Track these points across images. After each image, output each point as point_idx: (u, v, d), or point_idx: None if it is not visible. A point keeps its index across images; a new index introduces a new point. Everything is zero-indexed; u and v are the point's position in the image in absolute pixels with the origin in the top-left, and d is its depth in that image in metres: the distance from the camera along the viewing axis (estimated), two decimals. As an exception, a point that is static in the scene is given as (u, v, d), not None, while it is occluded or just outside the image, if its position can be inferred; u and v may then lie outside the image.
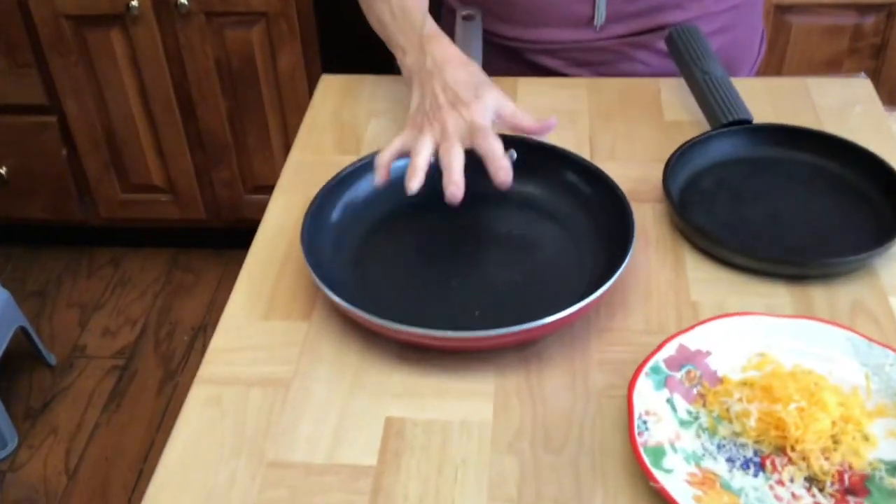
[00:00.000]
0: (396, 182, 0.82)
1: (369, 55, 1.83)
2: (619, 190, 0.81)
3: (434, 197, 0.85)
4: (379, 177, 0.81)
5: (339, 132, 1.00)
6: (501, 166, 0.79)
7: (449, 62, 0.86)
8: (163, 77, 1.97)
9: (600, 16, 1.03)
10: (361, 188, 0.84)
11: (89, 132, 2.06)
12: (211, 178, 2.13)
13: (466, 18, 1.02)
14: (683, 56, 0.98)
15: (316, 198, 0.81)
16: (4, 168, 2.12)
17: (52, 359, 2.05)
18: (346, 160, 0.92)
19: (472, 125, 0.81)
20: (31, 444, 1.88)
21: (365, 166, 0.84)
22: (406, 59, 0.91)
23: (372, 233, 0.83)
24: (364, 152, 0.96)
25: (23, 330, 1.94)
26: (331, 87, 1.08)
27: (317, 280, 0.73)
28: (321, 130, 1.01)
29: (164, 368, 2.02)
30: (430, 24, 0.91)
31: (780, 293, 0.78)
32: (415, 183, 0.78)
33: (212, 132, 2.05)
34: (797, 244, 0.81)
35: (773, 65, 1.82)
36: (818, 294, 0.77)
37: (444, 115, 0.81)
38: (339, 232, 0.81)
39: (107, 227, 2.27)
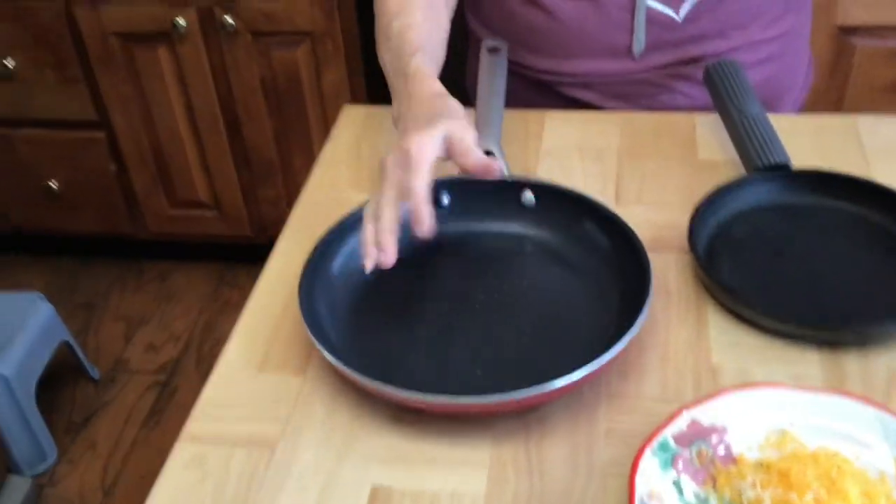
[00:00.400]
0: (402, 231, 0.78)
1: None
2: (639, 242, 0.76)
3: (442, 245, 0.81)
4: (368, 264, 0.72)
5: (356, 167, 0.96)
6: (421, 214, 0.70)
7: (415, 99, 0.77)
8: (209, 95, 1.97)
9: (639, 44, 0.98)
10: (355, 241, 0.80)
11: (137, 148, 2.07)
12: (256, 196, 2.12)
13: (492, 51, 0.98)
14: (720, 92, 0.92)
15: (316, 247, 0.77)
16: (55, 182, 2.14)
17: (96, 373, 2.06)
18: (360, 198, 0.88)
19: (405, 157, 0.71)
20: (70, 459, 1.89)
21: (359, 217, 0.80)
22: (395, 109, 0.82)
23: (375, 283, 0.79)
24: (379, 190, 0.92)
25: (67, 344, 1.96)
26: (352, 117, 1.05)
27: (311, 336, 0.69)
28: (338, 165, 0.97)
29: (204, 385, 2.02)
30: (417, 62, 0.81)
31: (810, 360, 0.71)
32: (368, 263, 0.70)
33: (258, 150, 2.04)
34: (832, 305, 0.74)
35: (836, 88, 1.73)
36: (853, 363, 0.71)
37: (388, 159, 0.72)
38: (340, 283, 0.77)
39: (155, 241, 2.28)
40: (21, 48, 1.95)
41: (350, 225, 0.79)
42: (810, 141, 0.94)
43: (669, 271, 0.80)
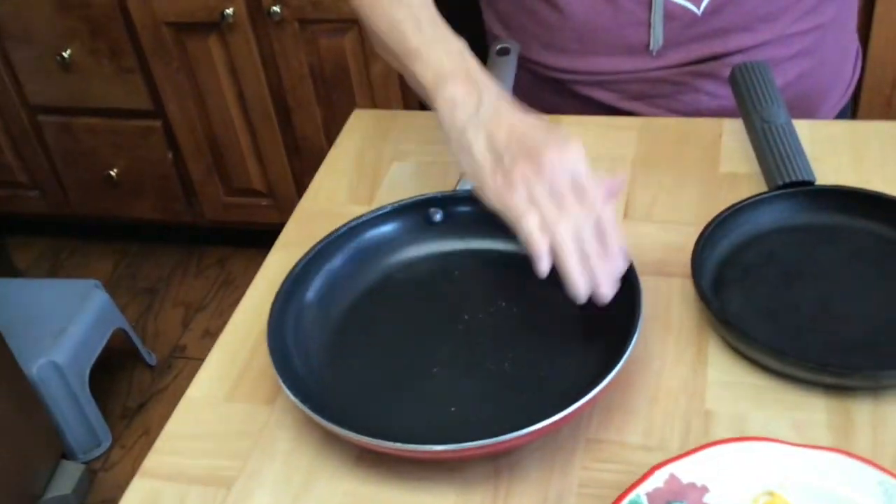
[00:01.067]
0: (377, 253, 0.74)
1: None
2: (633, 273, 0.69)
3: (423, 272, 0.77)
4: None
5: (357, 177, 0.93)
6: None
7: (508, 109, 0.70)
8: (259, 84, 1.95)
9: (656, 40, 0.91)
10: (341, 260, 0.76)
11: (192, 136, 2.08)
12: (308, 184, 2.10)
13: (502, 53, 0.92)
14: (743, 97, 0.85)
15: (291, 272, 0.73)
16: (115, 170, 2.17)
17: (153, 359, 2.09)
18: (357, 211, 0.84)
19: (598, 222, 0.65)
20: (123, 444, 1.93)
21: (347, 234, 0.77)
22: (449, 88, 0.72)
23: (351, 311, 0.75)
24: (377, 202, 0.88)
25: (124, 331, 1.98)
26: (360, 122, 1.01)
27: (276, 372, 0.66)
28: (340, 173, 0.94)
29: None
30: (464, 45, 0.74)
31: (815, 406, 0.65)
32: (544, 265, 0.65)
33: (308, 139, 2.03)
34: (845, 344, 0.67)
35: (891, 71, 1.60)
36: (863, 411, 0.64)
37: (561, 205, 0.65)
38: (315, 312, 0.74)
39: (214, 227, 2.30)
40: (78, 39, 1.97)
41: (326, 249, 0.76)
42: (845, 151, 0.86)
43: (673, 300, 0.74)
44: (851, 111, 1.06)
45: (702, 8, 0.88)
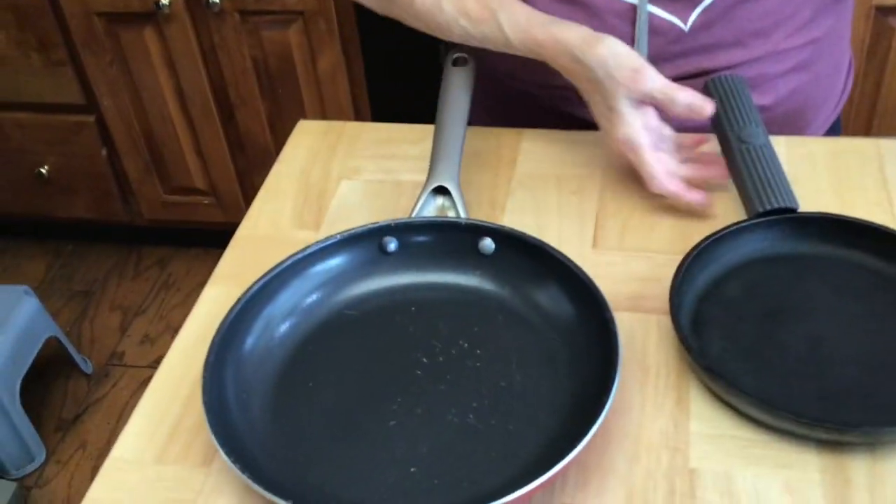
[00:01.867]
0: (325, 289, 0.67)
1: (414, 51, 1.68)
2: (609, 313, 0.63)
3: (377, 309, 0.70)
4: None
5: (303, 197, 0.85)
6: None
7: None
8: (199, 78, 1.85)
9: (640, 54, 0.84)
10: (284, 299, 0.69)
11: (128, 132, 1.98)
12: (252, 182, 2.02)
13: (457, 64, 0.85)
14: (719, 115, 0.79)
15: (227, 317, 0.65)
16: (46, 167, 2.06)
17: (89, 366, 1.99)
18: (302, 238, 0.78)
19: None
20: (59, 459, 1.83)
21: (291, 269, 0.69)
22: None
23: (297, 357, 0.67)
24: (324, 227, 0.81)
25: (57, 338, 1.88)
26: (306, 135, 0.93)
27: (211, 433, 0.59)
28: (283, 194, 0.86)
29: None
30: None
31: (807, 462, 0.59)
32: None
33: (252, 135, 1.94)
34: (838, 390, 0.62)
35: (872, 78, 1.57)
36: (859, 467, 0.59)
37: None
38: (255, 359, 0.66)
39: (153, 227, 2.19)
40: (3, 30, 1.85)
41: (267, 288, 0.68)
42: (826, 170, 0.81)
43: (650, 339, 0.68)
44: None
45: (689, 24, 0.82)
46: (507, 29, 0.79)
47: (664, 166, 0.76)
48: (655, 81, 0.75)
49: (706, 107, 0.74)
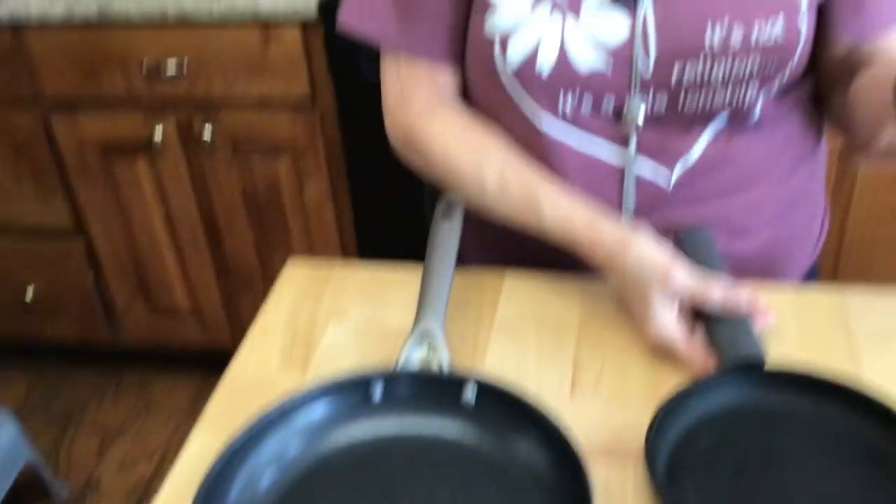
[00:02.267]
0: (310, 437, 0.69)
1: (400, 185, 1.73)
2: (583, 467, 0.65)
3: (360, 458, 0.72)
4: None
5: (290, 340, 0.88)
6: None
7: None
8: (189, 206, 1.91)
9: (627, 212, 0.89)
10: (270, 448, 0.70)
11: (116, 257, 2.02)
12: (237, 304, 2.05)
13: (446, 214, 0.89)
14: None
15: (211, 471, 0.67)
16: (31, 289, 2.08)
17: (64, 493, 1.96)
18: (289, 380, 0.80)
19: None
20: None
21: (277, 418, 0.71)
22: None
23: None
24: (311, 370, 0.83)
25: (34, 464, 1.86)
26: (295, 275, 0.96)
27: None
28: (271, 336, 0.88)
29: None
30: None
31: None
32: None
33: (238, 259, 1.98)
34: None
35: (837, 215, 1.64)
36: None
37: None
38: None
39: (135, 350, 2.20)
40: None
41: (253, 439, 0.70)
42: (793, 322, 0.84)
43: (627, 490, 0.70)
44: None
45: (672, 182, 0.88)
46: (549, 222, 0.85)
47: (699, 356, 0.79)
48: (685, 282, 0.79)
49: (740, 301, 0.78)
